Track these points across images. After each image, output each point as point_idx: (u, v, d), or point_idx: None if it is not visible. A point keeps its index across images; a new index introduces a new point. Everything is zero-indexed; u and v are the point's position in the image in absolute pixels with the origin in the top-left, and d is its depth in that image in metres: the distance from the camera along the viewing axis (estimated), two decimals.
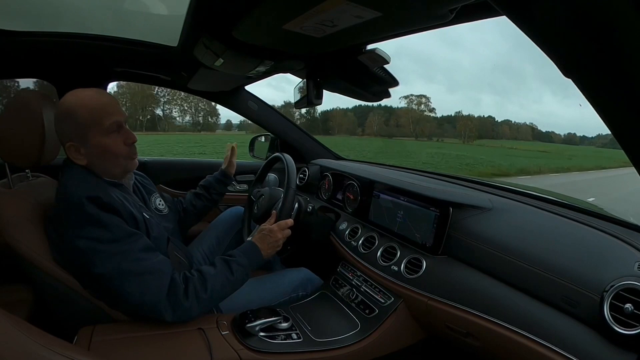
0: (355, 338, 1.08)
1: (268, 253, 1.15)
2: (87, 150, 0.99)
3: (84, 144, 0.98)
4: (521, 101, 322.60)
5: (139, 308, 0.94)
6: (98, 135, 0.98)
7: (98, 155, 1.00)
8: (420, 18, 0.79)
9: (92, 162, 1.00)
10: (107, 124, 0.98)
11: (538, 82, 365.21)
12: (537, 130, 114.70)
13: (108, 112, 0.99)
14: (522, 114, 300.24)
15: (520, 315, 0.86)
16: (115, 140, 1.01)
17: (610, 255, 0.83)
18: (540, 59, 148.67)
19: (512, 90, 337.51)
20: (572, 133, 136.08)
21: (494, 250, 0.98)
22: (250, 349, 0.96)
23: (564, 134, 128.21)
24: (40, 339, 0.47)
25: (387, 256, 1.25)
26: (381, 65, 1.09)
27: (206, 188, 1.56)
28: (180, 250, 1.23)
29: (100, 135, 0.98)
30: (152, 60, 1.51)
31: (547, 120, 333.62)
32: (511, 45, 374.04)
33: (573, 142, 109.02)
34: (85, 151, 0.99)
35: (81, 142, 0.98)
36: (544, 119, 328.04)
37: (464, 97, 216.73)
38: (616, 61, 0.33)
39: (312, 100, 1.29)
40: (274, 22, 0.85)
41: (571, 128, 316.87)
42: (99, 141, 0.98)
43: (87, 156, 0.99)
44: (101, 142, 0.99)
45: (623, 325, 0.69)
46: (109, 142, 0.99)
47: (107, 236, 0.91)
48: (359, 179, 1.57)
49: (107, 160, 1.01)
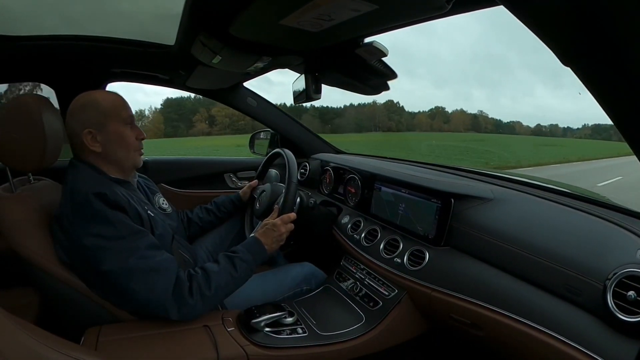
0: (360, 331, 1.09)
1: (272, 248, 1.16)
2: (105, 137, 1.05)
3: (102, 130, 1.04)
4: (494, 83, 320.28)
5: (145, 306, 0.95)
6: (116, 124, 1.06)
7: (114, 142, 1.06)
8: (416, 10, 0.79)
9: (106, 149, 1.05)
10: (125, 115, 1.08)
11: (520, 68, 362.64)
12: (487, 119, 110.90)
13: (124, 107, 1.09)
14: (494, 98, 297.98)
15: (524, 305, 0.86)
16: (129, 132, 1.09)
17: (612, 243, 0.83)
18: (515, 41, 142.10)
19: (483, 76, 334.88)
20: (554, 124, 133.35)
21: (496, 241, 0.98)
22: (256, 345, 0.97)
23: (533, 125, 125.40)
24: (47, 341, 0.47)
25: (390, 249, 1.26)
26: (379, 58, 1.08)
27: (218, 205, 1.58)
28: (185, 248, 1.24)
29: (118, 124, 1.06)
30: (149, 60, 1.51)
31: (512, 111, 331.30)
32: (485, 27, 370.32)
33: (543, 134, 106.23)
34: (102, 138, 1.04)
35: (99, 129, 1.04)
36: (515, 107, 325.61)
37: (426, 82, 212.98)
38: (616, 48, 0.33)
39: (311, 95, 1.29)
40: (271, 18, 0.85)
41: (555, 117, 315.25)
42: (117, 129, 1.06)
43: (103, 143, 1.05)
44: (119, 130, 1.06)
45: (626, 312, 0.69)
46: (125, 132, 1.08)
47: (113, 233, 0.92)
48: (360, 173, 1.57)
49: (121, 148, 1.08)
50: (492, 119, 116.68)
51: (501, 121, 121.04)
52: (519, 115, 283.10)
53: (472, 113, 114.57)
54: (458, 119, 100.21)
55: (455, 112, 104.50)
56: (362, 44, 1.03)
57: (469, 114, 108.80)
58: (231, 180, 2.11)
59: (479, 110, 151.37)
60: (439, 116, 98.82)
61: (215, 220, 1.56)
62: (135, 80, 1.84)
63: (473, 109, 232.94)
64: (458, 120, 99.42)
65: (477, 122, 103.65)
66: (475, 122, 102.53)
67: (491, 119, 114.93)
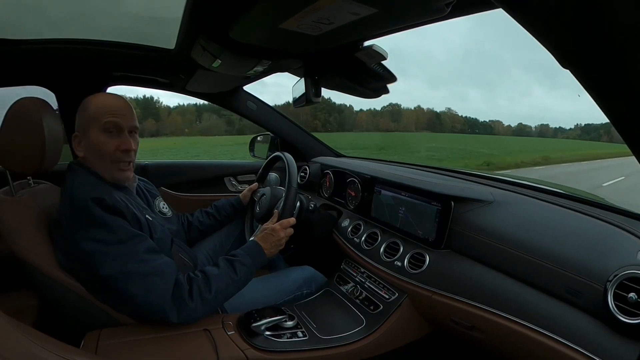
0: (360, 334, 1.09)
1: (271, 252, 1.16)
2: (85, 143, 1.04)
3: (84, 137, 1.04)
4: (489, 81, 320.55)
5: (145, 310, 0.95)
6: (95, 131, 1.02)
7: (90, 150, 1.04)
8: (416, 13, 0.79)
9: (86, 156, 1.05)
10: (104, 121, 1.02)
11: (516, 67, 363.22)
12: (456, 118, 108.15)
13: (111, 112, 1.03)
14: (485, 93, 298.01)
15: (524, 307, 0.86)
16: (107, 140, 1.03)
17: (613, 244, 0.83)
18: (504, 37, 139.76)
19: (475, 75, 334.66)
20: (545, 124, 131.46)
21: (496, 243, 0.98)
22: (257, 348, 0.96)
23: (514, 124, 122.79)
24: (47, 344, 0.47)
25: (390, 252, 1.26)
26: (379, 61, 1.09)
27: (218, 209, 1.57)
28: (185, 251, 1.24)
29: (96, 131, 1.02)
30: (149, 64, 1.52)
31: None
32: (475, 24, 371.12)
33: (525, 134, 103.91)
34: (84, 144, 1.04)
35: (82, 134, 1.04)
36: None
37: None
38: (616, 50, 0.33)
39: (311, 99, 1.29)
40: (271, 22, 0.85)
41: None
42: (94, 136, 1.03)
43: (85, 149, 1.04)
44: (95, 138, 1.02)
45: (627, 314, 0.69)
46: (101, 140, 1.02)
47: (112, 238, 0.92)
48: (359, 176, 1.57)
49: (97, 158, 1.04)
50: (462, 118, 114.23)
51: (477, 120, 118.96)
52: (510, 115, 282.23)
53: (436, 111, 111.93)
54: (410, 117, 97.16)
55: (408, 110, 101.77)
56: (361, 47, 1.03)
57: (431, 112, 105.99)
58: (231, 183, 2.11)
59: (447, 107, 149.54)
60: (387, 115, 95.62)
61: (215, 224, 1.55)
62: (136, 84, 1.84)
63: (441, 107, 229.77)
64: (410, 119, 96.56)
65: (439, 121, 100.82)
66: (437, 121, 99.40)
67: (461, 118, 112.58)
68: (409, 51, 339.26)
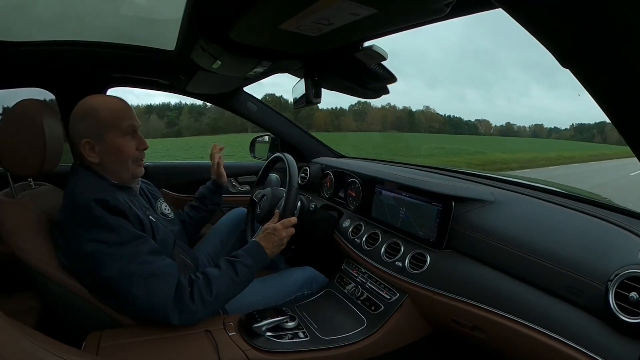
0: (362, 335, 1.08)
1: (273, 252, 1.16)
2: (102, 148, 1.03)
3: (99, 142, 1.03)
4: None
5: (146, 311, 0.95)
6: (114, 135, 1.04)
7: (111, 154, 1.04)
8: (416, 13, 0.79)
9: (103, 160, 1.04)
10: (124, 125, 1.05)
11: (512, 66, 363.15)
12: (434, 117, 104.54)
13: (127, 116, 1.06)
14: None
15: (526, 307, 0.86)
16: (129, 142, 1.06)
17: (613, 244, 0.83)
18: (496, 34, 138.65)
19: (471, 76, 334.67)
20: (540, 124, 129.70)
21: (497, 243, 0.98)
22: (258, 349, 0.96)
23: (501, 124, 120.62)
24: (48, 346, 0.47)
25: (391, 252, 1.26)
26: (379, 62, 1.09)
27: (201, 200, 1.54)
28: (186, 253, 1.24)
29: (116, 135, 1.04)
30: (150, 65, 1.52)
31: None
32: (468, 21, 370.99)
33: (512, 133, 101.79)
34: (99, 149, 1.03)
35: (97, 140, 1.03)
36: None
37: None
38: (616, 49, 0.33)
39: (311, 99, 1.29)
40: (271, 23, 0.85)
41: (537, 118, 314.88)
42: (114, 140, 1.04)
43: (100, 154, 1.04)
44: (115, 142, 1.04)
45: (628, 313, 0.69)
46: (123, 143, 1.05)
47: (114, 239, 0.92)
48: (360, 176, 1.57)
49: (118, 160, 1.06)
50: (441, 117, 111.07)
51: (461, 119, 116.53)
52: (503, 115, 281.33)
53: (409, 109, 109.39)
54: (376, 116, 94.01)
55: (375, 108, 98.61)
56: (361, 47, 1.03)
57: (403, 111, 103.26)
58: (232, 184, 2.11)
59: (425, 106, 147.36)
60: (350, 114, 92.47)
61: (206, 215, 1.54)
62: (136, 85, 1.84)
63: (419, 105, 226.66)
64: (376, 118, 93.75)
65: (412, 119, 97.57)
66: (410, 119, 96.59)
67: (440, 117, 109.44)
68: (406, 50, 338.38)
